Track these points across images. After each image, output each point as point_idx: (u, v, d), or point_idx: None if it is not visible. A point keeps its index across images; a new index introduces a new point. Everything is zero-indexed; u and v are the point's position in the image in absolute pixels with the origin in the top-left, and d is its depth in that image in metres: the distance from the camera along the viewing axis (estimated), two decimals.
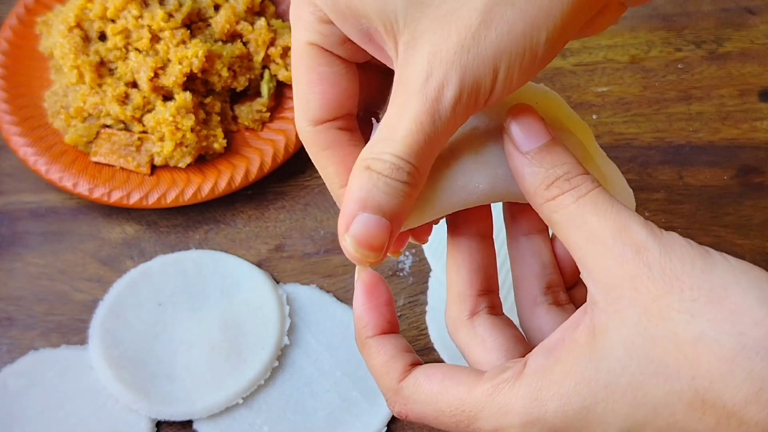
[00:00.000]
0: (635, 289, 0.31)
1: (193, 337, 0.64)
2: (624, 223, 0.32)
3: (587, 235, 0.33)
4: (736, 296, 0.30)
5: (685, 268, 0.30)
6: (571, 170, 0.34)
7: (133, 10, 0.70)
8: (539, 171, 0.34)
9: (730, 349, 0.29)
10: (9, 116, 0.71)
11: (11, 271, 0.68)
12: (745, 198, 0.74)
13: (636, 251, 0.31)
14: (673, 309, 0.30)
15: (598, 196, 0.33)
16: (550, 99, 0.39)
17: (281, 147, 0.72)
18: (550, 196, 0.34)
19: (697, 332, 0.30)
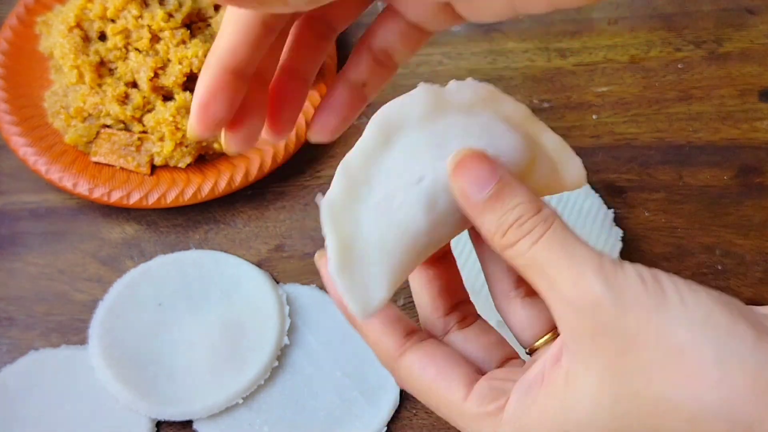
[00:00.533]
0: (596, 344, 0.31)
1: (193, 337, 0.64)
2: (579, 273, 0.31)
3: (547, 283, 0.33)
4: (692, 357, 0.29)
5: (640, 327, 0.30)
6: (524, 213, 0.33)
7: (133, 10, 0.70)
8: (492, 219, 0.34)
9: (689, 412, 0.29)
10: (9, 116, 0.71)
11: (11, 271, 0.68)
12: (745, 198, 0.74)
13: (593, 308, 0.31)
14: (633, 368, 0.30)
15: (551, 239, 0.33)
16: (490, 92, 0.38)
17: (281, 147, 0.72)
18: (507, 243, 0.34)
19: (657, 393, 0.30)
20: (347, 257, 0.35)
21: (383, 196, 0.35)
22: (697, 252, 0.71)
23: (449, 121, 0.36)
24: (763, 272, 0.70)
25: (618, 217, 0.72)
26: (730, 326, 0.29)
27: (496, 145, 0.36)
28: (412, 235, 0.35)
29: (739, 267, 0.71)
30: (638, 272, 0.31)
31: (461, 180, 0.34)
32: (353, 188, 0.35)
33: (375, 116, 0.36)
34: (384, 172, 0.36)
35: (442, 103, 0.36)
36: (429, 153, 0.35)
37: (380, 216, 0.35)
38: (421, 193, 0.35)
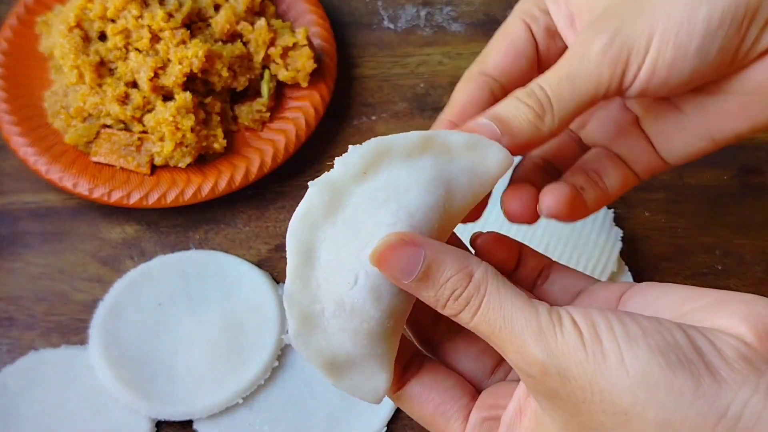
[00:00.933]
0: (553, 403, 0.33)
1: (193, 337, 0.64)
2: (521, 343, 0.32)
3: (495, 347, 0.34)
4: (637, 421, 0.31)
5: (585, 394, 0.31)
6: (456, 286, 0.34)
7: (133, 10, 0.70)
8: (428, 295, 0.35)
9: None
10: (9, 116, 0.71)
11: (11, 271, 0.68)
12: (745, 198, 0.74)
13: (540, 376, 0.32)
14: (587, 426, 0.32)
15: (488, 310, 0.34)
16: (375, 147, 0.37)
17: (281, 147, 0.72)
18: (449, 314, 0.35)
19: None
20: (338, 372, 0.38)
21: (335, 309, 0.36)
22: (697, 252, 0.71)
23: (353, 203, 0.36)
24: (763, 272, 0.70)
25: (618, 217, 0.72)
26: (669, 382, 0.30)
27: (406, 204, 0.36)
28: (376, 329, 0.36)
29: (739, 267, 0.71)
30: (577, 329, 0.32)
31: (387, 272, 0.35)
32: (306, 314, 0.36)
33: (289, 239, 0.36)
34: (323, 285, 0.36)
35: (337, 190, 0.36)
36: (349, 249, 0.36)
37: (343, 326, 0.36)
38: (363, 292, 0.36)
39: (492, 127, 0.37)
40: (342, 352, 0.37)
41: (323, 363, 0.37)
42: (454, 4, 0.85)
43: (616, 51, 0.37)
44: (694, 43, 0.36)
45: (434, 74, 0.80)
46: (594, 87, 0.37)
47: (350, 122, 0.77)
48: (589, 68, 0.37)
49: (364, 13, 0.84)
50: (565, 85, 0.37)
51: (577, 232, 0.68)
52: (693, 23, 0.36)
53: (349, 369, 0.37)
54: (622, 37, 0.37)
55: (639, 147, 0.44)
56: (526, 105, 0.37)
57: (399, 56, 0.81)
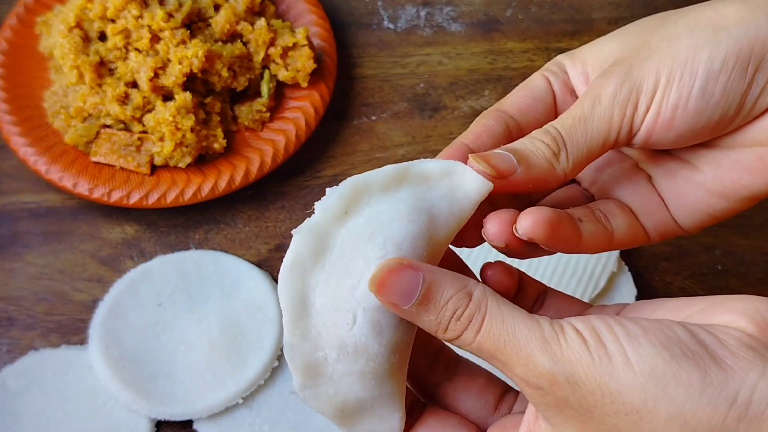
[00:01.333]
0: (564, 414, 0.33)
1: (193, 337, 0.64)
2: (527, 355, 0.33)
3: (500, 365, 0.34)
4: (648, 417, 0.31)
5: (596, 398, 0.32)
6: (457, 306, 0.34)
7: (133, 10, 0.70)
8: (429, 319, 0.34)
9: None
10: (9, 116, 0.71)
11: (11, 271, 0.68)
12: None
13: (550, 385, 0.32)
14: None
15: (491, 325, 0.34)
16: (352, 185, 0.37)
17: (281, 147, 0.72)
18: (450, 337, 0.34)
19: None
20: (350, 419, 0.37)
21: (338, 353, 0.36)
22: (697, 252, 0.71)
23: (339, 244, 0.36)
24: (763, 272, 0.70)
25: None
26: (676, 374, 0.31)
27: (391, 236, 0.36)
28: (382, 366, 0.36)
29: (739, 267, 0.71)
30: (580, 336, 0.32)
31: (387, 298, 0.34)
32: (310, 364, 0.36)
33: (281, 291, 0.36)
34: (323, 331, 0.36)
35: (322, 234, 0.36)
36: (343, 290, 0.36)
37: (348, 369, 0.36)
38: (363, 330, 0.36)
39: (509, 157, 0.37)
40: (352, 397, 0.36)
41: (334, 412, 0.37)
42: (454, 4, 0.85)
43: (626, 93, 0.37)
44: (697, 84, 0.37)
45: (434, 74, 0.80)
46: (606, 129, 0.38)
47: (350, 122, 0.77)
48: (600, 110, 0.38)
49: (364, 13, 0.84)
50: (578, 126, 0.38)
51: None
52: (696, 64, 0.37)
53: (361, 414, 0.37)
54: (631, 79, 0.38)
55: (651, 204, 0.43)
56: (542, 142, 0.38)
57: (399, 56, 0.81)
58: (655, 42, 0.38)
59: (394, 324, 0.36)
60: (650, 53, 0.38)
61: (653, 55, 0.38)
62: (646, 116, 0.38)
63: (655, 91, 0.37)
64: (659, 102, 0.37)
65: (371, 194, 0.37)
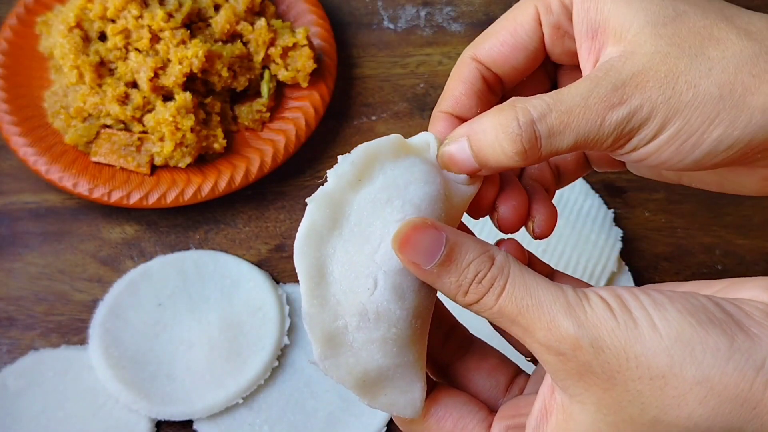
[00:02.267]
0: (585, 382, 0.32)
1: (193, 337, 0.64)
2: (550, 319, 0.32)
3: (521, 330, 0.33)
4: (675, 381, 0.31)
5: (620, 362, 0.31)
6: (480, 268, 0.34)
7: (133, 10, 0.70)
8: (450, 281, 0.34)
9: (683, 428, 0.31)
10: (9, 116, 0.71)
11: (11, 271, 0.68)
12: (745, 198, 0.74)
13: (572, 350, 0.32)
14: (623, 399, 0.32)
15: (514, 290, 0.33)
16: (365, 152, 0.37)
17: (281, 147, 0.72)
18: (471, 300, 0.34)
19: (650, 417, 0.31)
20: (371, 389, 0.37)
21: (358, 320, 0.35)
22: (697, 252, 0.71)
23: (355, 211, 0.36)
24: (763, 272, 0.70)
25: (618, 217, 0.72)
26: (703, 340, 0.30)
27: (410, 198, 0.36)
28: (404, 332, 0.36)
29: (739, 267, 0.71)
30: (605, 302, 0.32)
31: (409, 256, 0.34)
32: (330, 333, 0.36)
33: (297, 261, 0.35)
34: (342, 299, 0.35)
35: (336, 201, 0.36)
36: (363, 255, 0.35)
37: (369, 336, 0.35)
38: (385, 294, 0.35)
39: (469, 158, 0.36)
40: (373, 366, 0.36)
41: (355, 382, 0.36)
42: (454, 4, 0.85)
43: (628, 129, 0.35)
44: (695, 155, 0.35)
45: (434, 74, 0.80)
46: (591, 145, 0.36)
47: (350, 122, 0.77)
48: (598, 132, 0.35)
49: (364, 13, 0.84)
50: (566, 135, 0.35)
51: (577, 232, 0.68)
52: (704, 139, 0.35)
53: (382, 384, 0.37)
54: (639, 119, 0.35)
55: (605, 159, 0.43)
56: (520, 142, 0.35)
57: (399, 56, 0.81)
58: (682, 81, 0.35)
59: (415, 287, 0.36)
60: (671, 98, 0.35)
61: (671, 104, 0.35)
62: (634, 153, 0.36)
63: (654, 138, 0.35)
64: (650, 151, 0.36)
65: (383, 161, 0.37)
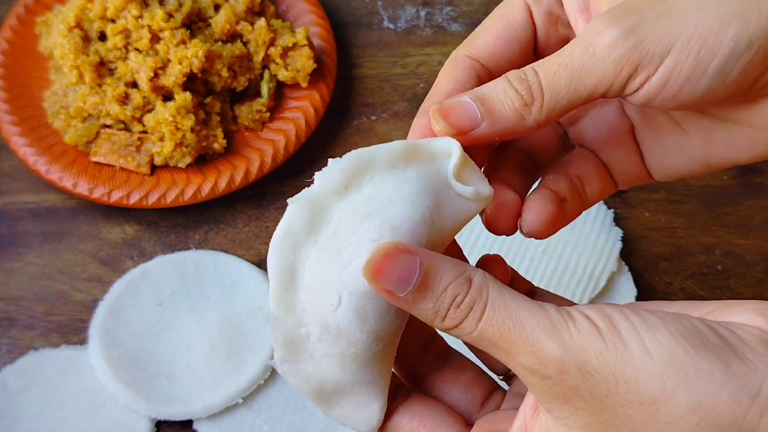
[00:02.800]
0: (571, 405, 0.31)
1: (193, 337, 0.64)
2: (534, 341, 0.30)
3: (503, 354, 0.32)
4: (667, 407, 0.29)
5: (609, 386, 0.30)
6: (458, 291, 0.32)
7: (133, 10, 0.70)
8: (427, 307, 0.32)
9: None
10: (9, 116, 0.71)
11: (11, 271, 0.68)
12: (745, 198, 0.74)
13: (558, 375, 0.30)
14: (612, 424, 0.30)
15: (494, 312, 0.31)
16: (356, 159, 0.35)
17: (281, 147, 0.72)
18: (450, 325, 0.32)
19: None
20: (328, 400, 0.36)
21: (320, 332, 0.34)
22: (697, 252, 0.71)
23: (335, 219, 0.34)
24: (763, 272, 0.70)
25: (618, 217, 0.72)
26: (697, 364, 0.29)
27: (390, 218, 0.34)
28: (363, 353, 0.35)
29: (739, 267, 0.71)
30: (591, 322, 0.31)
31: (382, 285, 0.32)
32: (292, 338, 0.35)
33: (270, 260, 0.34)
34: (308, 307, 0.34)
35: (319, 207, 0.34)
36: (332, 269, 0.34)
37: (329, 350, 0.34)
38: (347, 314, 0.34)
39: (473, 109, 0.34)
40: (330, 379, 0.35)
41: (311, 391, 0.35)
42: (454, 4, 0.85)
43: (627, 51, 0.33)
44: (716, 61, 0.33)
45: (434, 74, 0.80)
46: (593, 85, 0.34)
47: (350, 122, 0.77)
48: (592, 62, 0.33)
49: (364, 13, 0.84)
50: (562, 75, 0.34)
51: (577, 232, 0.68)
52: (720, 40, 0.33)
53: (339, 397, 0.36)
54: (637, 36, 0.33)
55: (628, 158, 0.41)
56: (515, 90, 0.34)
57: (399, 56, 0.81)
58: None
59: (380, 312, 0.34)
60: (668, 10, 0.33)
61: (671, 15, 0.33)
62: (647, 83, 0.34)
63: (664, 57, 0.33)
64: (668, 72, 0.33)
65: (375, 170, 0.35)
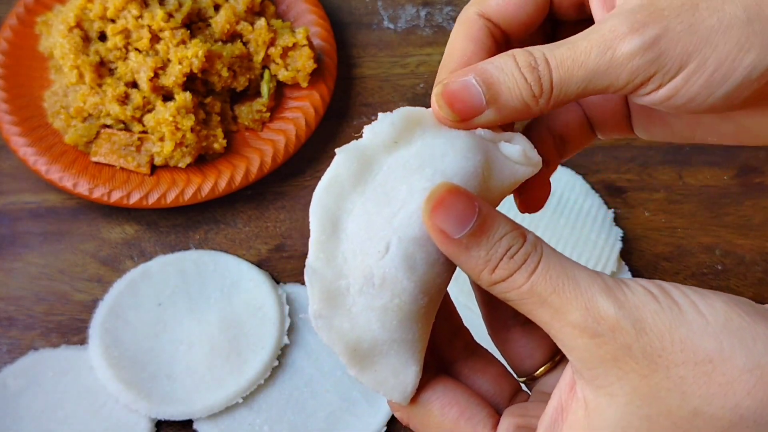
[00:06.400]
0: (620, 368, 0.30)
1: (193, 337, 0.64)
2: (588, 298, 0.30)
3: (552, 312, 0.31)
4: (723, 367, 0.29)
5: (664, 344, 0.29)
6: (512, 242, 0.31)
7: (133, 10, 0.70)
8: (479, 255, 0.31)
9: (727, 421, 0.29)
10: (9, 116, 0.71)
11: (11, 271, 0.68)
12: (745, 198, 0.74)
13: (611, 332, 0.29)
14: (662, 387, 0.29)
15: (548, 267, 0.31)
16: (405, 115, 0.35)
17: (281, 147, 0.72)
18: (498, 278, 0.31)
19: (691, 408, 0.29)
20: (362, 361, 0.34)
21: (362, 283, 0.33)
22: (697, 252, 0.71)
23: (384, 170, 0.33)
24: (763, 272, 0.70)
25: (618, 217, 0.72)
26: (752, 329, 0.29)
27: (442, 169, 0.33)
28: (408, 306, 0.33)
29: (739, 267, 0.71)
30: (644, 288, 0.30)
31: (439, 221, 0.31)
32: (330, 291, 0.33)
33: (313, 209, 0.34)
34: (350, 258, 0.33)
35: (367, 158, 0.34)
36: (381, 216, 0.33)
37: (370, 303, 0.33)
38: (395, 261, 0.32)
39: (478, 94, 0.33)
40: (368, 336, 0.33)
41: (345, 349, 0.33)
42: (454, 4, 0.85)
43: (646, 62, 0.32)
44: (726, 87, 0.33)
45: (434, 74, 0.80)
46: (605, 86, 0.33)
47: (350, 122, 0.77)
48: (609, 66, 0.33)
49: (364, 13, 0.84)
50: (576, 74, 0.33)
51: (577, 232, 0.68)
52: (735, 67, 0.32)
53: (374, 358, 0.34)
54: (658, 49, 0.32)
55: (615, 113, 0.41)
56: (524, 80, 0.33)
57: (399, 56, 0.81)
58: (703, 7, 0.32)
59: (429, 261, 0.33)
60: (694, 25, 0.32)
61: (697, 32, 0.32)
62: (657, 92, 0.33)
63: (678, 72, 0.33)
64: (677, 87, 0.33)
65: (425, 128, 0.34)
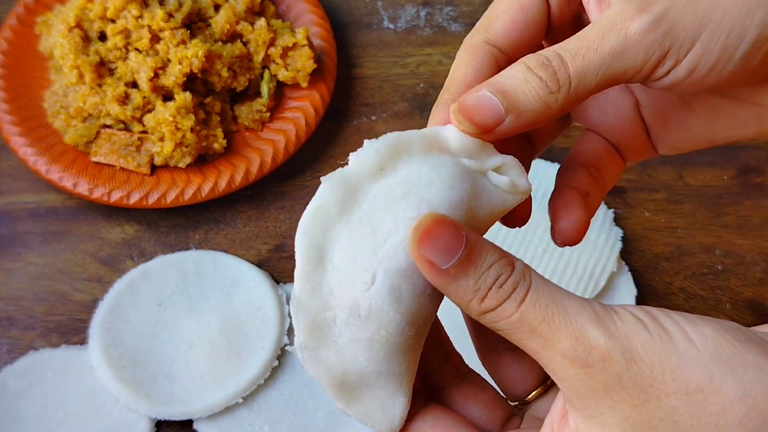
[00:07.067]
0: (611, 398, 0.29)
1: (193, 337, 0.64)
2: (578, 328, 0.30)
3: (542, 342, 0.30)
4: (714, 396, 0.28)
5: (654, 374, 0.29)
6: (501, 271, 0.31)
7: (133, 10, 0.70)
8: (467, 285, 0.31)
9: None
10: (9, 116, 0.71)
11: (11, 271, 0.68)
12: (745, 198, 0.74)
13: (601, 362, 0.29)
14: (654, 417, 0.29)
15: (537, 296, 0.30)
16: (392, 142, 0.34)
17: (281, 147, 0.72)
18: (488, 307, 0.31)
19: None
20: (348, 393, 0.34)
21: (348, 315, 0.32)
22: (697, 252, 0.71)
23: (369, 200, 0.33)
24: (763, 272, 0.70)
25: (618, 217, 0.72)
26: (743, 356, 0.29)
27: (428, 198, 0.33)
28: (395, 338, 0.33)
29: (739, 267, 0.71)
30: (634, 316, 0.30)
31: (427, 252, 0.31)
32: (316, 323, 0.33)
33: (298, 239, 0.33)
34: (336, 289, 0.33)
35: (353, 186, 0.33)
36: (367, 246, 0.32)
37: (356, 335, 0.33)
38: (381, 292, 0.32)
39: (495, 104, 0.33)
40: (354, 368, 0.33)
41: (332, 381, 0.33)
42: (454, 4, 0.85)
43: (659, 37, 0.32)
44: (743, 47, 0.33)
45: (434, 74, 0.80)
46: (623, 70, 0.32)
47: (350, 122, 0.77)
48: (624, 47, 0.32)
49: (364, 13, 0.84)
50: (592, 59, 0.32)
51: None
52: (747, 26, 0.32)
53: (361, 390, 0.34)
54: (668, 23, 0.32)
55: (635, 135, 0.41)
56: (538, 78, 0.32)
57: (399, 56, 0.81)
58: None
59: (415, 292, 0.33)
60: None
61: (700, 0, 0.32)
62: (676, 69, 0.33)
63: (693, 43, 0.32)
64: (697, 58, 0.33)
65: (411, 153, 0.34)
